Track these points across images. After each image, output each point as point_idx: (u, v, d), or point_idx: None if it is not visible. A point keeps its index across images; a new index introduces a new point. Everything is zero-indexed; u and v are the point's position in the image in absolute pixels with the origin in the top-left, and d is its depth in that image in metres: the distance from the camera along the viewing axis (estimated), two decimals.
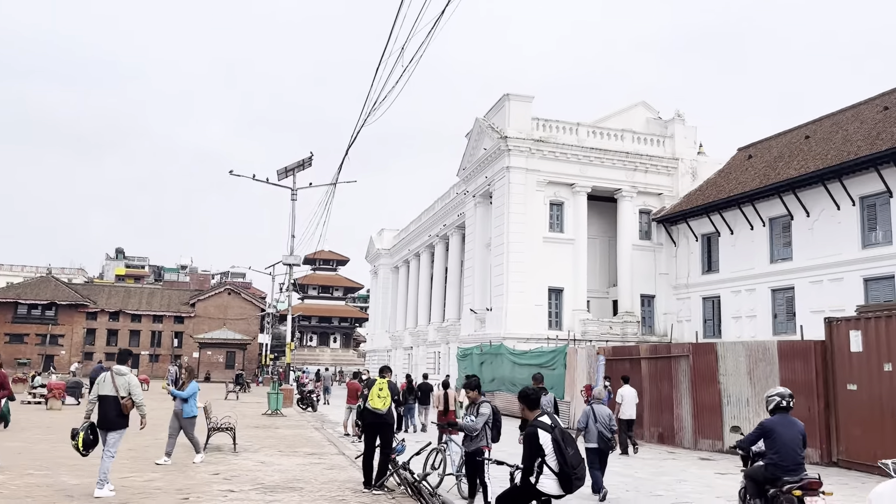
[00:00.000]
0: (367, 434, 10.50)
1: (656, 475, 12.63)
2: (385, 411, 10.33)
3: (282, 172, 28.22)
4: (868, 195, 26.69)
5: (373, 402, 10.39)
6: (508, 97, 35.63)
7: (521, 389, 6.31)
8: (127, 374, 9.63)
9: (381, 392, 10.48)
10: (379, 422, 10.27)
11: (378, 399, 10.40)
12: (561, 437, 5.78)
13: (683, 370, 17.06)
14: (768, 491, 7.60)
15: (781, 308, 30.49)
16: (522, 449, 6.13)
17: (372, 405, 10.35)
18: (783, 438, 7.57)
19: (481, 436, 8.44)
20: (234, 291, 74.16)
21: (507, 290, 34.33)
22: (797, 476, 7.36)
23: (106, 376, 9.50)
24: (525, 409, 6.22)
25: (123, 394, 9.33)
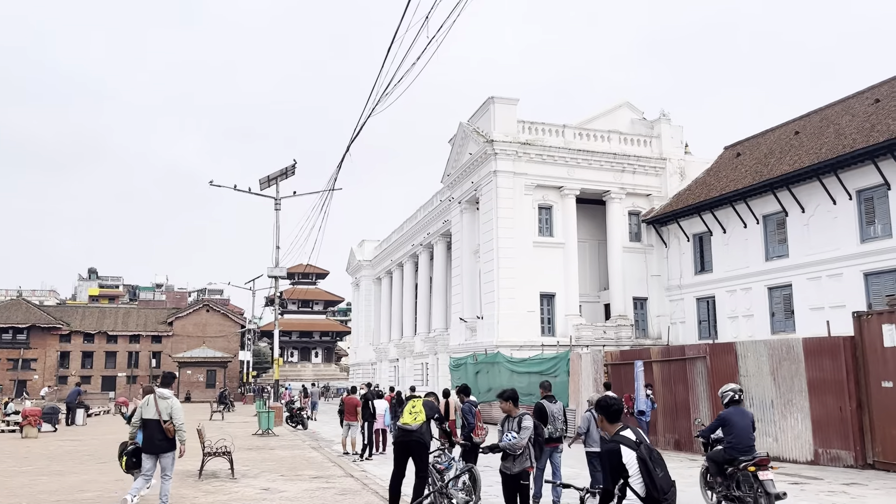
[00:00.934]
0: (398, 454, 9.54)
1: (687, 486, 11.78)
2: (416, 427, 9.40)
3: (264, 182, 27.16)
4: (865, 188, 26.28)
5: (403, 418, 9.53)
6: (493, 100, 34.91)
7: (601, 399, 5.38)
8: (170, 397, 9.61)
9: (413, 408, 9.58)
10: (409, 440, 9.34)
11: (409, 415, 9.49)
12: (648, 456, 4.87)
13: (700, 372, 16.30)
14: (727, 469, 9.36)
15: (779, 306, 29.98)
16: (596, 468, 5.22)
17: (402, 421, 9.52)
18: (738, 426, 9.34)
19: (525, 454, 7.49)
20: (213, 308, 72.52)
21: (497, 297, 33.48)
22: (750, 455, 9.16)
23: (149, 399, 9.52)
24: (604, 422, 5.29)
25: (165, 417, 9.33)
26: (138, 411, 9.54)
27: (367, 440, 16.75)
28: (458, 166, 38.82)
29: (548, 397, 10.89)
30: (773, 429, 14.64)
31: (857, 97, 30.18)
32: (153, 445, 9.33)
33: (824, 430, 13.75)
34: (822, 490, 11.06)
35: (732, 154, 35.99)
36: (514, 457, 7.45)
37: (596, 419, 9.12)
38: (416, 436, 9.41)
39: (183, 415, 9.55)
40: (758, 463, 9.03)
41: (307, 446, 18.88)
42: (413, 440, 9.38)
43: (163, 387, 9.77)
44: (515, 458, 7.45)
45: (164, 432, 9.31)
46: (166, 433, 9.32)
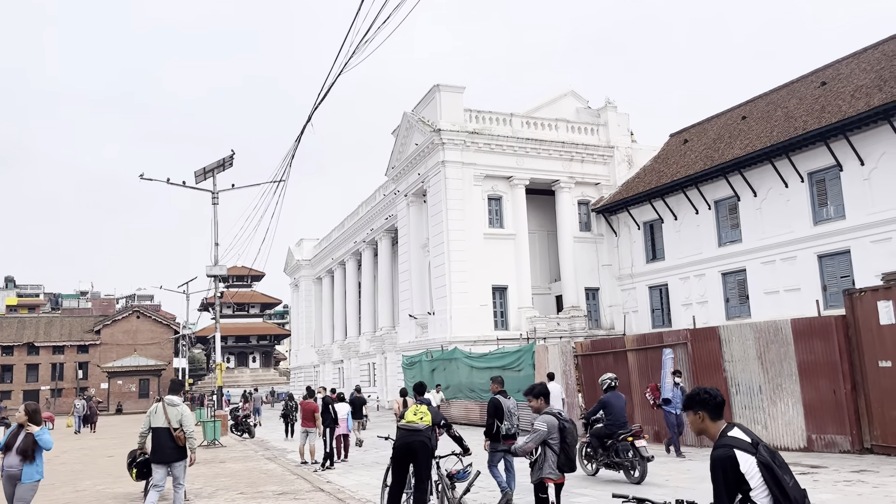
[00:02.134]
0: (398, 458, 8.35)
1: (696, 482, 10.89)
2: (423, 427, 8.26)
3: (199, 174, 25.31)
4: (817, 170, 26.28)
5: (407, 418, 8.39)
6: (439, 88, 33.79)
7: (698, 392, 4.23)
8: (179, 404, 9.39)
9: (419, 410, 8.47)
10: (414, 441, 8.20)
11: (414, 416, 8.36)
12: (772, 459, 3.79)
13: (680, 360, 15.52)
14: (607, 442, 11.87)
15: (733, 291, 29.85)
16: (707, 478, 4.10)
17: (407, 420, 8.39)
18: (616, 407, 11.99)
19: (544, 462, 6.32)
20: (144, 314, 69.09)
21: (450, 291, 32.40)
22: (627, 429, 11.74)
23: (157, 407, 9.31)
24: (705, 420, 4.15)
25: (175, 425, 9.12)
26: (146, 420, 9.36)
27: (329, 448, 15.37)
28: (403, 158, 37.55)
29: (501, 393, 10.16)
30: (762, 416, 13.96)
31: (801, 81, 30.30)
32: (164, 454, 9.09)
33: (817, 415, 13.13)
34: (835, 480, 10.33)
35: (679, 141, 35.84)
36: (531, 464, 6.30)
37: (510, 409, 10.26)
38: (423, 437, 8.25)
39: (192, 422, 9.35)
40: (634, 434, 11.58)
41: (261, 457, 17.34)
42: (418, 441, 8.21)
43: (171, 394, 9.52)
44: (532, 465, 6.29)
45: (175, 440, 9.07)
46: (177, 441, 9.08)
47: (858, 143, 24.52)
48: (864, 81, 25.52)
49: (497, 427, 9.79)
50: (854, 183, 24.87)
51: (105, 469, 16.58)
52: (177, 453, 9.15)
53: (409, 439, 8.26)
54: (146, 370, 61.16)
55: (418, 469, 8.17)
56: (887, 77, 24.43)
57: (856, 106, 24.25)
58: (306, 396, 16.91)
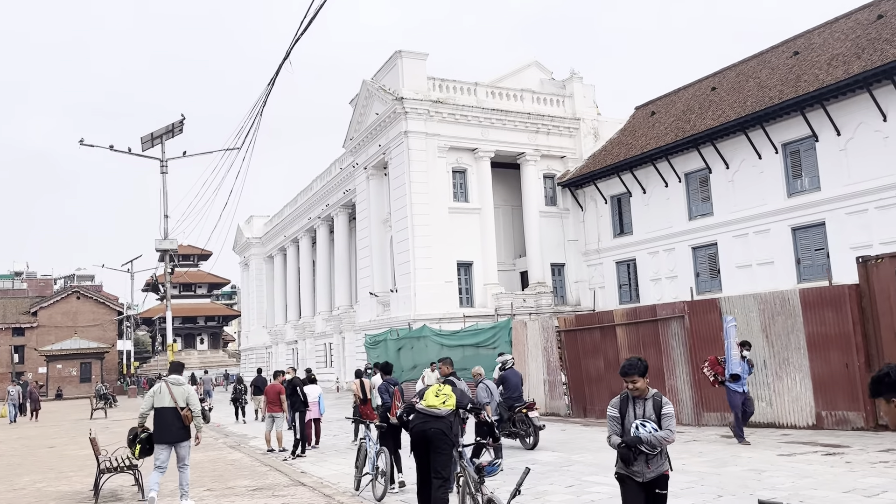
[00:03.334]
0: (418, 447, 7.19)
1: (716, 465, 9.95)
2: (445, 412, 7.10)
3: (147, 140, 23.37)
4: (791, 141, 25.78)
5: (427, 400, 7.20)
6: (401, 54, 32.23)
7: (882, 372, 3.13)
8: (184, 383, 9.43)
9: (441, 391, 7.28)
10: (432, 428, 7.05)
11: (435, 398, 7.18)
12: None
13: (676, 334, 14.65)
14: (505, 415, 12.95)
15: (704, 266, 29.36)
16: None
17: (426, 403, 7.24)
18: (513, 382, 13.30)
19: (664, 453, 5.06)
20: (85, 295, 65.80)
21: (413, 267, 31.11)
22: (522, 402, 13.10)
23: (161, 387, 9.28)
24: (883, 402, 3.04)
25: (182, 404, 9.14)
26: (147, 399, 9.28)
27: (301, 434, 14.03)
28: (361, 129, 35.93)
29: (452, 375, 9.44)
30: (767, 392, 13.18)
31: (772, 51, 29.77)
32: (169, 434, 8.98)
33: (828, 390, 12.37)
34: (870, 461, 9.48)
35: (646, 113, 35.13)
36: (647, 457, 5.01)
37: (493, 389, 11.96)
38: (442, 424, 7.07)
39: (198, 401, 9.34)
40: (528, 406, 13.05)
41: (222, 444, 15.88)
42: (435, 429, 7.04)
43: (173, 374, 9.54)
44: (649, 458, 5.01)
45: (182, 419, 9.03)
46: (184, 420, 9.05)
47: (835, 112, 24.05)
48: (839, 50, 25.02)
49: None
50: (830, 154, 24.42)
51: (46, 462, 14.91)
52: (183, 433, 9.05)
53: (425, 426, 7.10)
54: (88, 353, 58.32)
55: (436, 458, 6.97)
56: (865, 45, 23.95)
57: (834, 74, 23.72)
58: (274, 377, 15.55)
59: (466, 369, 22.35)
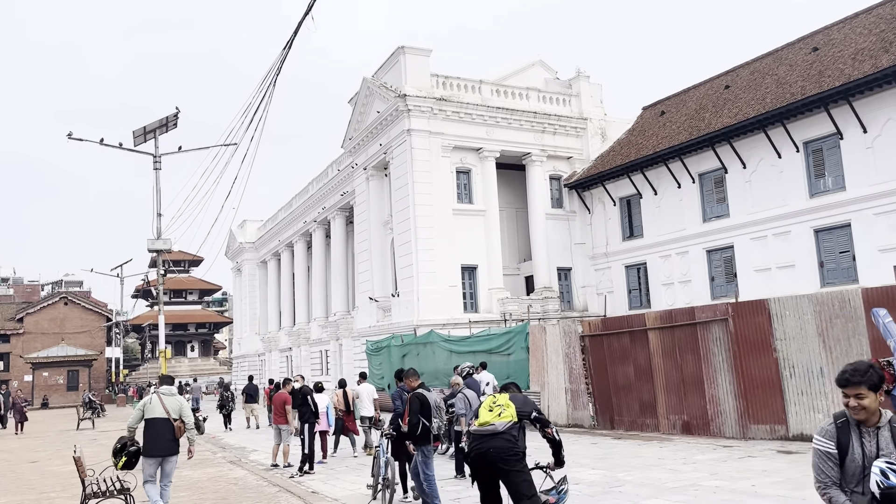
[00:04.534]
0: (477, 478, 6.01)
1: (794, 488, 8.73)
2: (503, 426, 5.86)
3: (139, 135, 22.07)
4: (813, 139, 24.73)
5: (481, 416, 6.02)
6: (404, 50, 31.08)
7: None
8: (176, 394, 9.06)
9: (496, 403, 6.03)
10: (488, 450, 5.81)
11: (489, 412, 5.94)
12: None
13: (717, 339, 13.47)
14: None
15: (719, 270, 28.23)
16: None
17: (480, 421, 5.99)
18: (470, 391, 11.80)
19: None
20: (73, 301, 64.15)
21: (416, 271, 29.86)
22: None
23: (153, 398, 8.90)
24: None
25: (175, 416, 8.72)
26: (136, 412, 8.88)
27: (309, 448, 12.73)
28: (361, 128, 34.72)
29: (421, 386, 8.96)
30: (824, 402, 11.99)
31: (789, 48, 28.81)
32: (159, 447, 8.53)
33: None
34: None
35: (655, 113, 34.08)
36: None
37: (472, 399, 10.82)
38: (502, 439, 5.82)
39: (192, 413, 8.92)
40: None
41: (221, 459, 14.56)
42: (496, 447, 5.80)
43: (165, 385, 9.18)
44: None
45: (174, 431, 8.61)
46: (176, 432, 8.62)
47: (861, 108, 23.02)
48: (864, 45, 24.02)
49: (425, 426, 8.56)
50: (855, 152, 23.38)
51: (27, 481, 13.55)
52: (173, 445, 8.60)
53: (482, 446, 5.85)
54: (75, 360, 56.65)
55: (511, 485, 5.72)
56: (892, 39, 22.95)
57: (860, 69, 22.70)
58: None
59: None
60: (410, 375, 9.31)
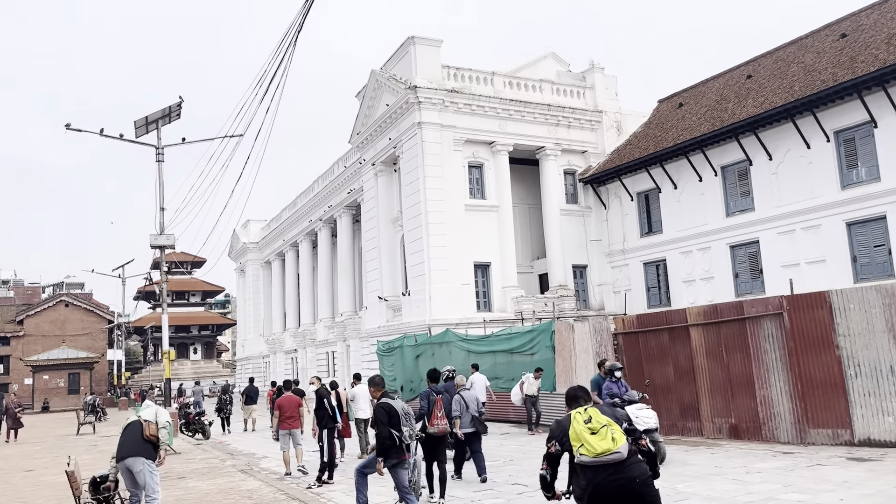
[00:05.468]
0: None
1: (866, 497, 7.64)
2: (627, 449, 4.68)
3: (141, 125, 21.05)
4: (845, 128, 23.64)
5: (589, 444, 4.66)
6: (414, 41, 30.05)
7: None
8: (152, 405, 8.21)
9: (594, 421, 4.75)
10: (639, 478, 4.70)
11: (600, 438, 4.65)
12: None
13: (770, 335, 12.38)
14: None
15: (744, 265, 27.14)
16: None
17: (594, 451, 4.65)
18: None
19: None
20: (74, 303, 63.13)
21: (429, 268, 28.80)
22: None
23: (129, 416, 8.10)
24: None
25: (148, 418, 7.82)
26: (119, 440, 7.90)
27: (329, 456, 11.68)
28: (370, 122, 33.67)
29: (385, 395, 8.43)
30: (894, 404, 10.89)
31: (813, 36, 27.76)
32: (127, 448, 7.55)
33: None
34: None
35: (672, 105, 33.02)
36: None
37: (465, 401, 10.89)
38: (639, 465, 4.75)
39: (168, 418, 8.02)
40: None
41: (231, 468, 13.48)
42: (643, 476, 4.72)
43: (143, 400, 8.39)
44: None
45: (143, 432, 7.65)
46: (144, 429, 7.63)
47: None
48: None
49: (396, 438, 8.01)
50: (891, 140, 22.30)
51: (19, 492, 12.50)
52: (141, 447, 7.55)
53: (620, 478, 4.64)
54: (76, 363, 55.60)
55: None
56: None
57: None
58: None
59: (499, 378, 20.07)
60: (374, 384, 8.64)
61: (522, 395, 16.84)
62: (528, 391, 16.86)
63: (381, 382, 8.75)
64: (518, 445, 14.77)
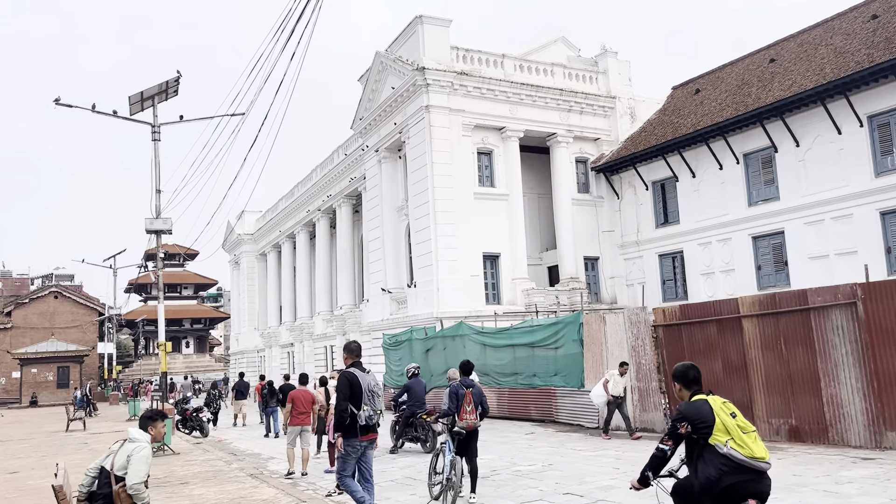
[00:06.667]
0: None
1: None
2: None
3: (136, 101, 19.65)
4: (881, 112, 22.45)
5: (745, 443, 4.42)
6: (422, 20, 28.71)
7: None
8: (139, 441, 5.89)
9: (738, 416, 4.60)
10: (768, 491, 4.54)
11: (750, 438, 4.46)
12: None
13: (839, 327, 11.16)
14: (410, 420, 14.35)
15: (767, 257, 25.96)
16: None
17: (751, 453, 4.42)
18: (416, 391, 14.60)
19: None
20: (64, 294, 61.43)
21: (436, 259, 27.50)
22: (423, 410, 14.26)
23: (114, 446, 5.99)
24: None
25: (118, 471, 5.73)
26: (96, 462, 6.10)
27: None
28: (374, 107, 32.31)
29: (356, 365, 7.69)
30: None
31: (840, 18, 26.58)
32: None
33: None
34: None
35: (689, 91, 31.78)
36: None
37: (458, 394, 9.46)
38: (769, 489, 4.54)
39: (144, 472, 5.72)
40: (429, 413, 14.00)
41: (240, 472, 12.14)
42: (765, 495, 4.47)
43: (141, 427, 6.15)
44: None
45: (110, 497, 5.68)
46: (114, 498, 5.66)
47: None
48: None
49: (352, 415, 7.26)
50: None
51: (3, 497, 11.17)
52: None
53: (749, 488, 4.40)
54: (66, 356, 54.02)
55: None
56: None
57: None
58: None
59: (518, 373, 18.81)
60: (348, 350, 7.87)
61: (608, 396, 14.27)
62: (615, 391, 14.24)
63: (357, 349, 7.95)
64: (551, 447, 13.51)
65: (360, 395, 7.29)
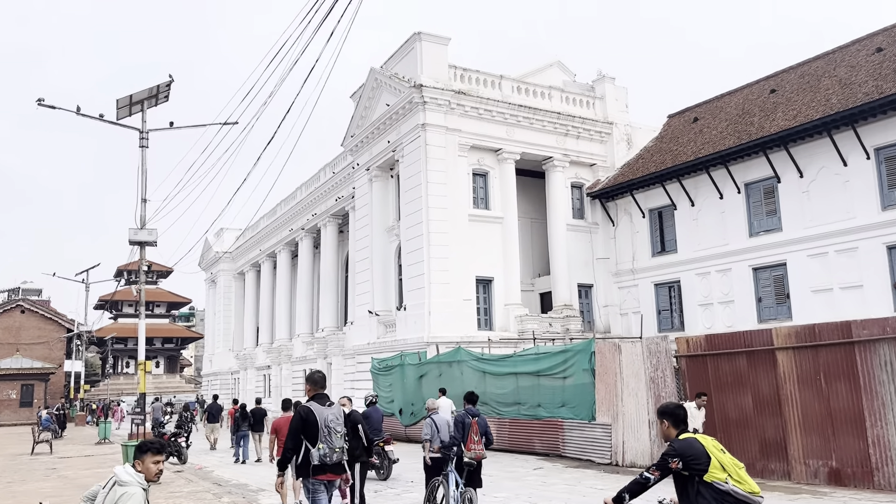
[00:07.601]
0: None
1: None
2: None
3: (124, 105, 18.61)
4: (888, 145, 22.11)
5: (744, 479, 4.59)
6: (420, 37, 28.08)
7: None
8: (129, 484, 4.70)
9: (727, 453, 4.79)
10: None
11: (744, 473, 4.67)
12: None
13: (887, 362, 10.42)
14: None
15: (768, 289, 25.41)
16: None
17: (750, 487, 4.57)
18: (374, 419, 13.83)
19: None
20: (30, 309, 59.30)
21: (428, 281, 26.59)
22: (380, 437, 14.09)
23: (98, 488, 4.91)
24: None
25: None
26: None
27: (360, 496, 9.40)
28: (366, 124, 31.51)
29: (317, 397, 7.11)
30: None
31: (842, 51, 26.45)
32: None
33: None
34: None
35: (686, 120, 31.48)
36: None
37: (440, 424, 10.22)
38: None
39: None
40: (385, 441, 14.50)
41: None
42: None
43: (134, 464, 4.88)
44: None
45: None
46: None
47: None
48: None
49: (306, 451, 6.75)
50: None
51: None
52: None
53: None
54: (31, 374, 51.85)
55: None
56: None
57: None
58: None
59: (521, 403, 17.82)
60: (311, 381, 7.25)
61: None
62: (693, 424, 12.20)
63: (321, 380, 7.27)
64: (567, 485, 12.55)
65: (315, 432, 6.74)
